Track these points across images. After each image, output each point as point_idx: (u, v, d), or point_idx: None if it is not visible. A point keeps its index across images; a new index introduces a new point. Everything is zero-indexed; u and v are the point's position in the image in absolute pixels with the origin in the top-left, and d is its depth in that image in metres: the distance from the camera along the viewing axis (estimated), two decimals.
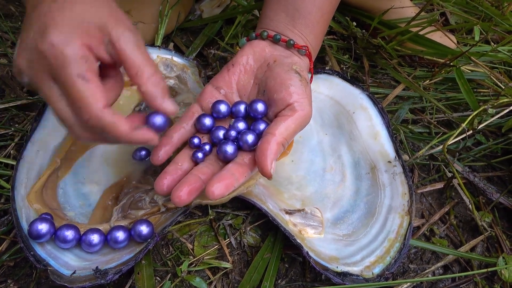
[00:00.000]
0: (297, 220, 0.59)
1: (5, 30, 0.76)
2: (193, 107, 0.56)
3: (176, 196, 0.46)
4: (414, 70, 0.85)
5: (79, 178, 0.60)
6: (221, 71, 0.57)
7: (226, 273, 0.59)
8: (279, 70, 0.54)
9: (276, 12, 0.58)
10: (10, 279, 0.56)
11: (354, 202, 0.63)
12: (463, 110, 0.82)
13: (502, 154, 0.76)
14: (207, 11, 0.87)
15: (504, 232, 0.67)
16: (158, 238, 0.52)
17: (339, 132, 0.68)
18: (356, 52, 0.86)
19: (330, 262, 0.54)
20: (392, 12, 0.85)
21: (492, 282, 0.63)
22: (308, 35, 0.58)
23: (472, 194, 0.70)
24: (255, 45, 0.57)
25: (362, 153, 0.65)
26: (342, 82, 0.69)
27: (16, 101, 0.69)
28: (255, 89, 0.56)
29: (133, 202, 0.56)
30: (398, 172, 0.62)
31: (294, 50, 0.57)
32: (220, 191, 0.45)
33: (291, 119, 0.50)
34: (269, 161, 0.47)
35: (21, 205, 0.54)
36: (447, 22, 1.02)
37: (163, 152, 0.51)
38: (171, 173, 0.50)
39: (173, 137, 0.53)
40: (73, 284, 0.48)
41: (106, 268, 0.49)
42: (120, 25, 0.43)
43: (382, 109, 0.66)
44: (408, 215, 0.58)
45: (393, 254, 0.56)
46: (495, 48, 0.80)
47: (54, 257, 0.50)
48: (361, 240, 0.58)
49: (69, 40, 0.40)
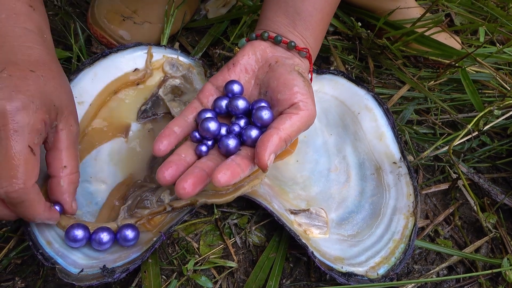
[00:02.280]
0: (302, 220, 0.59)
1: None
2: (193, 103, 0.55)
3: (181, 187, 0.45)
4: (419, 70, 0.85)
5: (85, 177, 0.60)
6: (221, 70, 0.57)
7: (231, 272, 0.59)
8: (282, 70, 0.54)
9: (276, 13, 0.58)
10: (17, 276, 0.56)
11: (359, 203, 0.63)
12: (468, 111, 0.82)
13: (507, 155, 0.76)
14: (212, 11, 0.87)
15: (508, 233, 0.67)
16: (164, 237, 0.53)
17: (344, 133, 0.68)
18: (361, 53, 0.86)
19: (335, 262, 0.55)
20: (397, 12, 0.85)
21: (496, 283, 0.63)
22: (308, 38, 0.58)
23: (477, 195, 0.70)
24: (256, 46, 0.57)
25: (367, 154, 0.65)
26: (347, 83, 0.69)
27: None
28: (256, 89, 0.56)
29: (139, 201, 0.56)
30: (403, 173, 0.62)
31: (295, 52, 0.57)
32: (227, 178, 0.45)
33: (297, 117, 0.50)
34: (268, 152, 0.46)
35: None
36: (452, 23, 1.02)
37: (167, 143, 0.50)
38: (175, 163, 0.49)
39: (175, 129, 0.52)
40: (81, 282, 0.48)
41: (114, 267, 0.49)
42: (68, 115, 0.49)
43: (387, 110, 0.66)
44: (413, 216, 0.59)
45: (398, 255, 0.56)
46: (501, 49, 0.80)
47: (62, 255, 0.51)
48: (365, 240, 0.58)
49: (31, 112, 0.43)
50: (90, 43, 0.79)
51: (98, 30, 0.76)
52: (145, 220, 0.56)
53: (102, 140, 0.63)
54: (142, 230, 0.55)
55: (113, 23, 0.76)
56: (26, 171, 0.43)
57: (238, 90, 0.54)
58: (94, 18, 0.76)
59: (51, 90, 0.47)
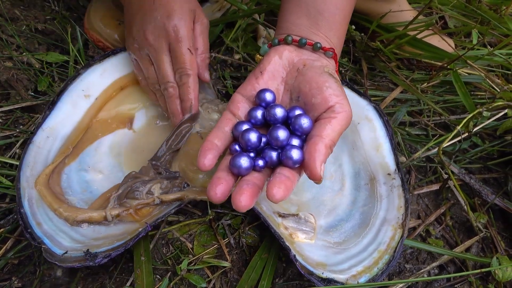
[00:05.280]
0: (290, 224, 0.60)
1: (10, 33, 0.78)
2: (226, 114, 0.53)
3: (237, 200, 0.43)
4: (413, 73, 0.86)
5: (83, 166, 0.63)
6: (248, 79, 0.55)
7: (225, 272, 0.60)
8: (312, 73, 0.52)
9: (298, 15, 0.57)
10: (14, 276, 0.57)
11: (349, 212, 0.63)
12: (460, 113, 0.82)
13: (498, 156, 0.77)
14: (208, 15, 0.88)
15: (499, 233, 0.68)
16: (149, 228, 0.54)
17: (342, 142, 0.68)
18: (355, 55, 0.88)
19: (317, 267, 0.55)
20: (391, 15, 0.86)
21: (486, 282, 0.64)
22: (332, 37, 0.57)
23: (468, 196, 0.71)
24: (280, 51, 0.55)
25: (363, 164, 0.65)
26: (350, 93, 0.68)
27: (20, 103, 0.71)
28: (287, 95, 0.55)
29: (130, 191, 0.58)
30: (396, 185, 0.62)
31: (321, 53, 0.56)
32: (282, 193, 0.43)
33: (336, 121, 0.48)
34: (318, 163, 0.45)
35: (25, 185, 0.56)
36: (446, 25, 1.03)
37: (212, 157, 0.48)
38: (225, 178, 0.47)
39: (216, 141, 0.50)
40: (63, 263, 0.50)
41: (96, 252, 0.51)
42: (200, 13, 0.66)
43: (387, 121, 0.65)
44: (402, 228, 0.58)
45: (381, 265, 0.56)
46: (492, 51, 0.81)
47: (49, 236, 0.53)
48: (351, 249, 0.58)
49: (183, 23, 0.62)
50: (87, 47, 0.80)
51: (95, 34, 0.77)
52: (133, 210, 0.57)
53: (105, 131, 0.66)
54: (130, 220, 0.57)
55: (109, 27, 0.77)
56: (191, 63, 0.63)
57: (271, 99, 0.52)
58: (90, 23, 0.78)
59: (187, 1, 0.64)
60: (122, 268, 0.58)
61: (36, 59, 0.77)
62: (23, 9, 0.84)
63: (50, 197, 0.57)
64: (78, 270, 0.58)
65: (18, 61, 0.75)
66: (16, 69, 0.74)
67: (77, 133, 0.64)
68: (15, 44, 0.78)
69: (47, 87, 0.73)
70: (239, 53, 0.83)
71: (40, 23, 0.82)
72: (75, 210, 0.56)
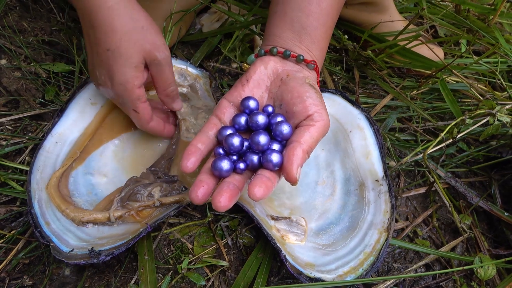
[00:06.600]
0: (282, 226, 0.63)
1: (18, 45, 0.82)
2: (212, 119, 0.56)
3: (217, 201, 0.46)
4: (403, 80, 0.90)
5: (89, 170, 0.67)
6: (235, 86, 0.58)
7: (223, 270, 0.64)
8: (294, 84, 0.56)
9: (282, 29, 0.60)
10: (25, 275, 0.61)
11: (339, 216, 0.66)
12: (449, 119, 0.86)
13: (484, 160, 0.81)
14: (207, 25, 0.92)
15: (483, 233, 0.72)
16: (150, 228, 0.57)
17: (335, 149, 0.71)
18: (348, 64, 0.91)
19: (305, 267, 0.58)
20: (383, 25, 0.90)
21: (470, 280, 0.67)
22: (314, 50, 0.60)
23: (454, 198, 0.75)
24: (266, 61, 0.58)
25: (354, 171, 0.68)
26: (343, 102, 0.71)
27: (29, 112, 0.75)
28: (270, 103, 0.58)
29: (132, 194, 0.62)
30: (383, 191, 0.65)
31: (304, 65, 0.59)
32: (262, 192, 0.46)
33: (314, 128, 0.51)
34: (295, 166, 0.48)
35: (35, 187, 0.60)
36: (436, 34, 1.07)
37: (195, 160, 0.51)
38: (206, 181, 0.50)
39: (199, 145, 0.53)
40: (70, 260, 0.54)
41: (100, 250, 0.55)
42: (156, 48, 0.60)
43: (377, 130, 0.68)
44: (386, 232, 0.62)
45: (366, 266, 0.59)
46: (477, 60, 0.85)
47: (57, 235, 0.57)
48: (339, 251, 0.62)
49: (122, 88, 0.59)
50: None
51: None
52: (134, 212, 0.61)
53: (110, 137, 0.70)
54: (132, 221, 0.61)
55: None
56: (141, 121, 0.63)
57: (254, 106, 0.55)
58: None
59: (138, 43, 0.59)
60: (127, 267, 0.62)
61: (43, 69, 0.81)
62: (30, 21, 0.88)
63: (58, 199, 0.61)
64: (85, 269, 0.62)
65: (26, 71, 0.79)
66: (25, 79, 0.78)
67: (84, 138, 0.67)
68: (23, 54, 0.82)
69: (54, 96, 0.77)
70: (237, 62, 0.87)
71: (46, 34, 0.86)
72: (81, 211, 0.60)
